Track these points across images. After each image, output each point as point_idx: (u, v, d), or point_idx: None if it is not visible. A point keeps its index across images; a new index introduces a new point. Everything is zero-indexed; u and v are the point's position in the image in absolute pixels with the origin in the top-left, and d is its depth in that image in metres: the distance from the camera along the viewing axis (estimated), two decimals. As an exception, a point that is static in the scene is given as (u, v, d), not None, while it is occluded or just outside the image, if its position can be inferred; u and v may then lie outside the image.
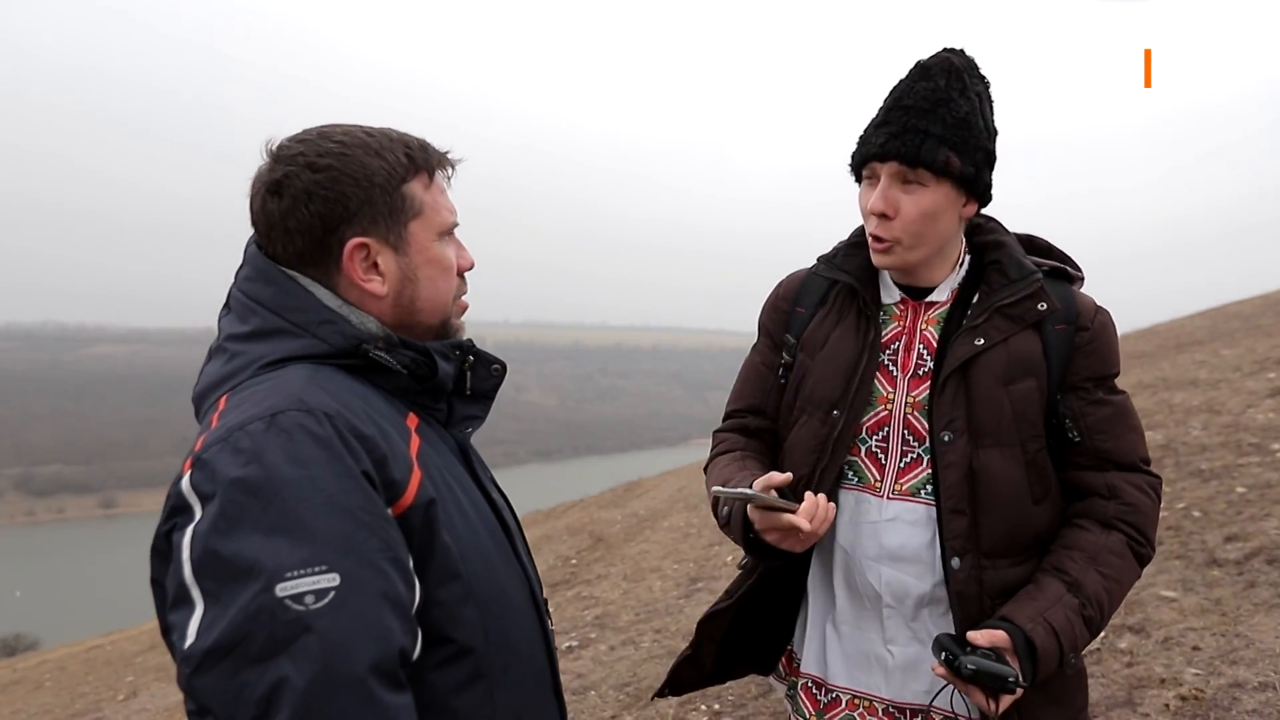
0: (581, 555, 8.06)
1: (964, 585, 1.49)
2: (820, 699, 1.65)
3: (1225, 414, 6.20)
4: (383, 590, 0.97)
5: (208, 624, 0.91)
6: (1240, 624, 3.32)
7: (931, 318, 1.58)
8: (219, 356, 1.16)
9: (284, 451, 0.97)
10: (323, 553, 0.94)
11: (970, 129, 1.47)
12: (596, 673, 4.43)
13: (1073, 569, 1.47)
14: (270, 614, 0.90)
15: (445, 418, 1.25)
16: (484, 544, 1.17)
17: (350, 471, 1.00)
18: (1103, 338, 1.54)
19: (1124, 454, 1.53)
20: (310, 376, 1.08)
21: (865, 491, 1.57)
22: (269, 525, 0.93)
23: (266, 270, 1.16)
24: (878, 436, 1.57)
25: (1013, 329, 1.51)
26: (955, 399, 1.50)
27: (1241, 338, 10.19)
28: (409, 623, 1.01)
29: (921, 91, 1.47)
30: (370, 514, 1.00)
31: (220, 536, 0.93)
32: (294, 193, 1.12)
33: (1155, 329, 14.49)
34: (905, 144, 1.45)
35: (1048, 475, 1.52)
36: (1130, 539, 1.50)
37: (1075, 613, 1.43)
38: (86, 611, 42.53)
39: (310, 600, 0.91)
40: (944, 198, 1.49)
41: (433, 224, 1.21)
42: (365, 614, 0.95)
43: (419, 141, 1.21)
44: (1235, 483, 4.78)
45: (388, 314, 1.19)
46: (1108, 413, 1.53)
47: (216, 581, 0.92)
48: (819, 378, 1.61)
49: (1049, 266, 1.58)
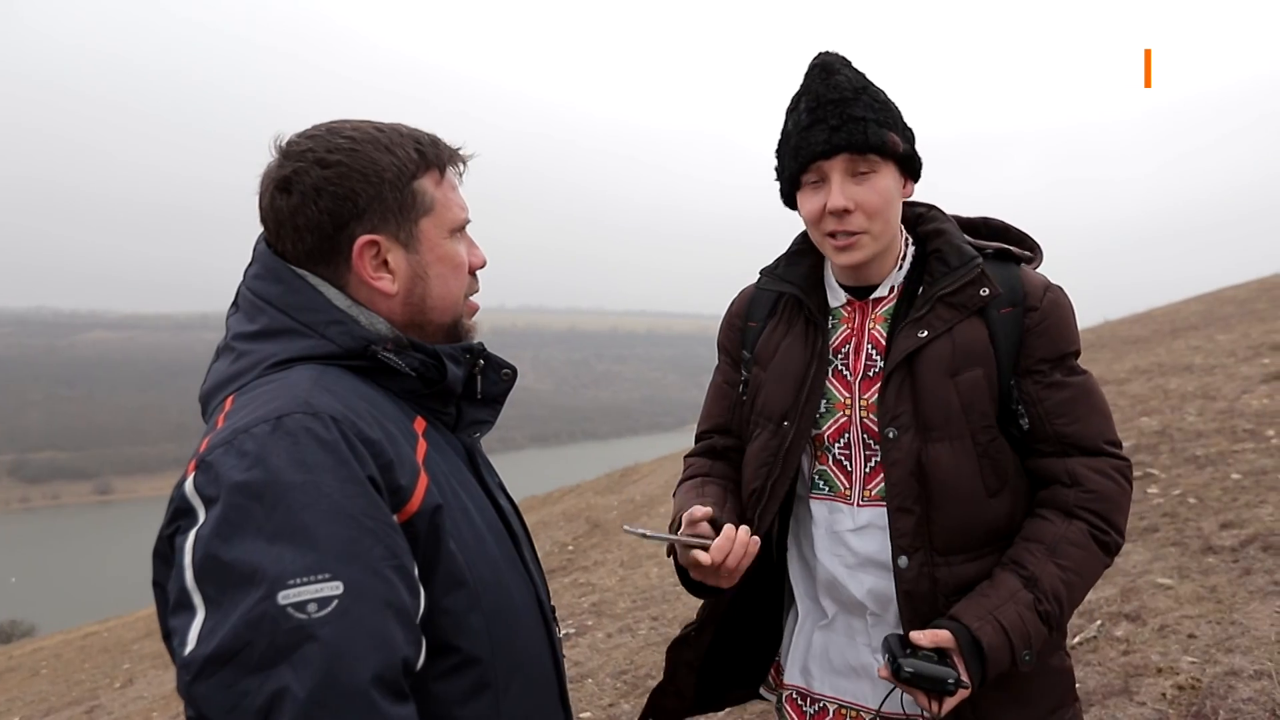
0: (578, 541, 8.08)
1: (912, 584, 1.45)
2: (806, 710, 1.63)
3: (1220, 400, 6.22)
4: (386, 599, 0.95)
5: (208, 630, 0.90)
6: (1236, 611, 3.33)
7: (879, 315, 1.55)
8: (226, 355, 1.14)
9: (289, 455, 0.96)
10: (326, 560, 0.92)
11: (893, 111, 1.48)
12: (594, 660, 4.44)
13: (1030, 563, 1.42)
14: (272, 622, 0.88)
15: (454, 421, 1.23)
16: (490, 551, 1.15)
17: (355, 477, 0.98)
18: (1054, 316, 1.48)
19: (1087, 437, 1.47)
20: (317, 378, 1.06)
21: (837, 500, 1.55)
22: (272, 531, 0.92)
23: (275, 268, 1.14)
24: (840, 443, 1.54)
25: (957, 318, 1.47)
26: (900, 394, 1.46)
27: (1236, 323, 10.21)
28: (413, 632, 0.99)
29: (838, 84, 1.46)
30: (375, 520, 0.98)
31: (222, 542, 0.92)
32: (303, 189, 1.10)
33: (1151, 314, 14.51)
34: (852, 133, 1.43)
35: (1003, 466, 1.47)
36: (1093, 527, 1.44)
37: (1029, 609, 1.38)
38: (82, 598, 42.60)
39: (313, 608, 0.90)
40: (893, 180, 1.48)
41: (444, 221, 1.19)
42: (368, 623, 0.93)
43: (430, 137, 1.19)
44: (1230, 469, 4.79)
45: (398, 313, 1.17)
46: (1066, 395, 1.47)
47: (218, 587, 0.91)
48: (771, 390, 1.60)
49: (993, 249, 1.53)
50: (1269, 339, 7.99)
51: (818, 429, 1.55)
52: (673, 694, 1.69)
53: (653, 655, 4.32)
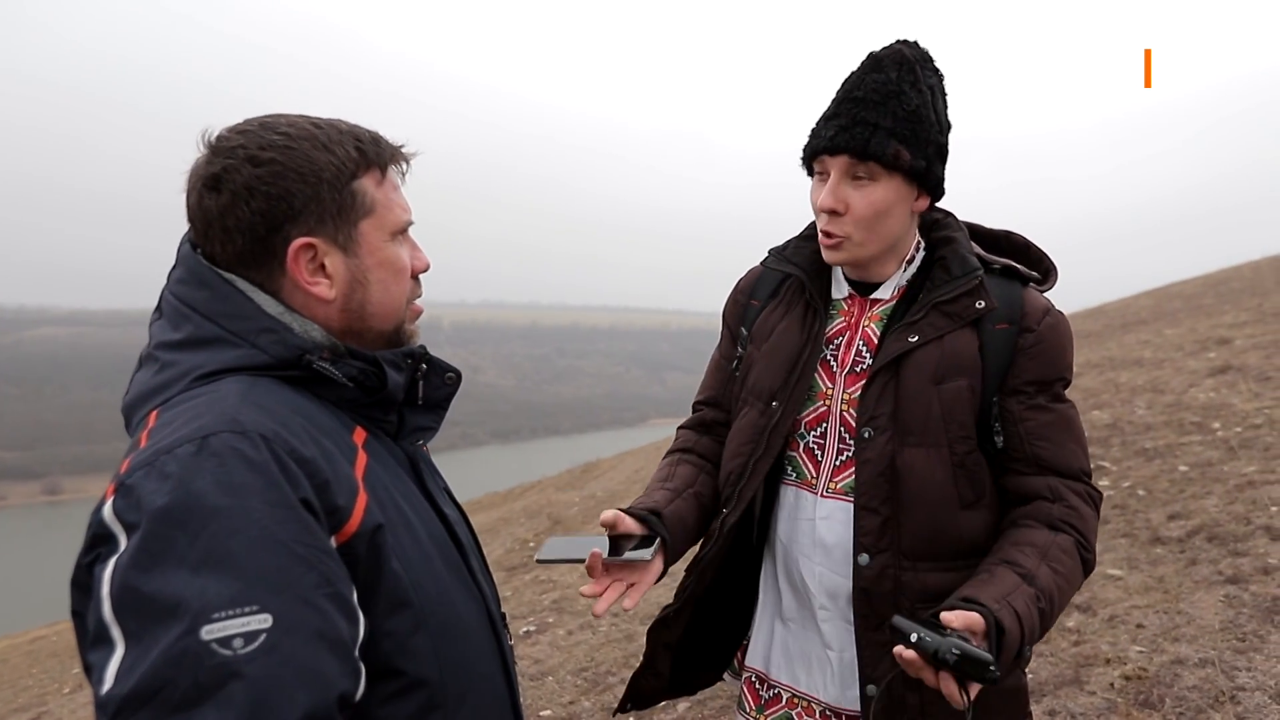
0: (539, 538, 8.04)
1: (872, 584, 1.45)
2: (762, 694, 1.64)
3: (1168, 393, 6.37)
4: (319, 630, 0.89)
5: (127, 667, 0.83)
6: (1182, 601, 3.41)
7: (875, 314, 1.55)
8: (149, 365, 1.08)
9: (214, 478, 0.90)
10: (253, 591, 0.86)
11: (921, 122, 1.44)
12: (554, 658, 4.42)
13: (1025, 562, 1.39)
14: (195, 659, 0.82)
15: (395, 429, 1.18)
16: (436, 567, 1.10)
17: (287, 500, 0.92)
18: (1049, 340, 1.47)
19: (1063, 463, 1.47)
20: (246, 392, 1.00)
21: (803, 488, 1.56)
22: (196, 560, 0.86)
23: (201, 273, 1.08)
24: (816, 432, 1.55)
25: (949, 326, 1.46)
26: (882, 396, 1.46)
27: (1184, 318, 10.46)
28: (349, 663, 0.93)
29: (872, 83, 1.44)
30: (308, 546, 0.92)
31: (142, 572, 0.85)
32: (233, 188, 1.04)
33: (1103, 308, 14.82)
34: (854, 137, 1.42)
35: (981, 480, 1.46)
36: (1078, 541, 1.44)
37: (1033, 602, 1.34)
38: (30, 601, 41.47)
39: (238, 644, 0.84)
40: (894, 192, 1.46)
41: (385, 223, 1.13)
42: (299, 658, 0.87)
43: (371, 134, 1.13)
44: (1178, 461, 4.91)
45: (336, 320, 1.12)
46: (1048, 419, 1.47)
47: (138, 621, 0.85)
48: (762, 369, 1.60)
49: (1000, 265, 1.52)
50: (1215, 333, 8.20)
51: (798, 414, 1.56)
52: (651, 676, 1.68)
53: (614, 652, 4.31)
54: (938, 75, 1.49)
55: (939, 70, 1.50)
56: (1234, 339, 7.69)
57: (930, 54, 1.49)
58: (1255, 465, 4.53)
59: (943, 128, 1.48)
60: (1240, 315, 8.99)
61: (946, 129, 1.49)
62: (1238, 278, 13.73)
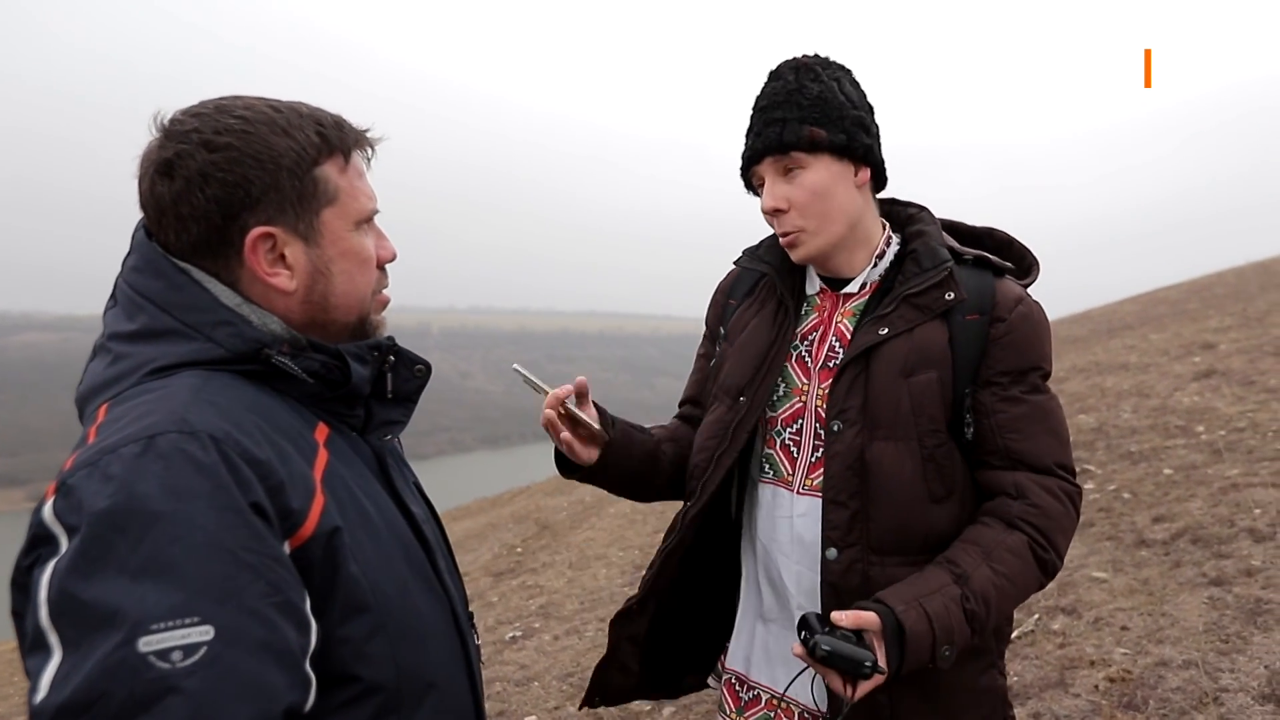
0: (527, 543, 8.01)
1: (839, 578, 1.44)
2: (742, 696, 1.63)
3: (1154, 397, 6.40)
4: (265, 641, 0.86)
5: (62, 676, 0.80)
6: (1166, 603, 3.42)
7: (848, 309, 1.55)
8: (103, 356, 1.04)
9: (159, 481, 0.85)
10: (195, 601, 0.82)
11: (829, 104, 1.46)
12: (540, 663, 4.40)
13: (964, 562, 1.39)
14: (131, 671, 0.79)
15: (362, 424, 1.14)
16: (398, 567, 1.07)
17: (235, 505, 0.88)
18: (1022, 330, 1.45)
19: (1036, 456, 1.44)
20: (199, 389, 0.96)
21: (779, 485, 1.55)
22: (136, 567, 0.82)
23: (155, 262, 1.03)
24: (792, 429, 1.54)
25: (920, 319, 1.45)
26: (852, 389, 1.46)
27: (1169, 322, 10.52)
28: (297, 674, 0.89)
29: (772, 90, 1.49)
30: (256, 553, 0.88)
31: (80, 578, 0.82)
32: (187, 175, 0.99)
33: (1089, 314, 14.90)
34: (768, 138, 1.46)
35: (951, 474, 1.45)
36: (1033, 541, 1.42)
37: (955, 603, 1.34)
38: (15, 608, 41.06)
39: (177, 657, 0.80)
40: (827, 171, 1.47)
41: (349, 211, 1.08)
42: (242, 671, 0.83)
43: (334, 118, 1.08)
44: (1163, 464, 4.93)
45: (297, 312, 1.07)
46: (1021, 411, 1.45)
47: (75, 629, 0.81)
48: (732, 365, 1.61)
49: (972, 256, 1.52)
50: (1199, 338, 8.25)
51: (773, 411, 1.56)
52: (616, 670, 1.66)
53: (599, 658, 4.30)
54: (841, 69, 1.52)
55: (843, 65, 1.53)
56: (1218, 344, 7.74)
57: (830, 58, 1.52)
58: (1239, 468, 4.55)
59: (856, 104, 1.49)
60: (1225, 320, 9.05)
61: (864, 107, 1.51)
62: (1222, 283, 13.83)
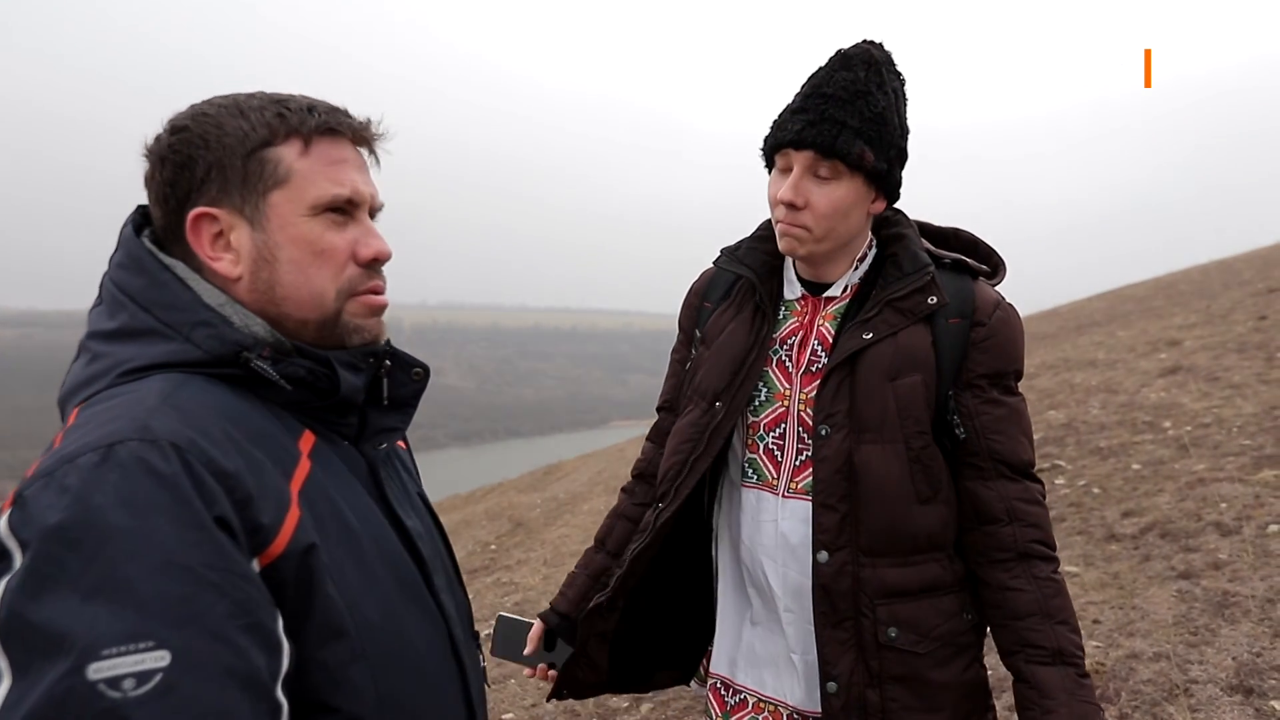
0: (501, 540, 7.99)
1: (831, 580, 1.45)
2: (728, 700, 1.62)
3: (1122, 393, 6.49)
4: (228, 667, 0.80)
5: (13, 702, 0.75)
6: (1136, 596, 3.47)
7: (829, 313, 1.55)
8: (83, 356, 1.00)
9: (116, 494, 0.80)
10: (150, 624, 0.77)
11: (886, 124, 1.44)
12: (516, 661, 4.38)
13: (1044, 641, 1.43)
14: (80, 701, 0.73)
15: (356, 432, 1.08)
16: (384, 590, 1.00)
17: (197, 520, 0.82)
18: (1001, 334, 1.48)
19: (1015, 456, 1.49)
20: (170, 393, 0.91)
21: (764, 489, 1.55)
22: (88, 588, 0.76)
23: (140, 257, 1.00)
24: (775, 434, 1.54)
25: (903, 323, 1.47)
26: (838, 393, 1.47)
27: (1136, 319, 10.69)
28: (266, 701, 0.83)
29: (841, 81, 1.44)
30: (220, 571, 0.82)
31: (29, 598, 0.76)
32: (152, 159, 1.00)
33: (1058, 311, 15.11)
34: (822, 133, 1.41)
35: (937, 475, 1.47)
36: (1045, 558, 1.47)
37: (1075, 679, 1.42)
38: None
39: (129, 685, 0.74)
40: (855, 193, 1.46)
41: (303, 196, 1.01)
42: (201, 700, 0.77)
43: (305, 103, 1.02)
44: (1131, 460, 5.00)
45: (245, 299, 1.02)
46: (1001, 413, 1.49)
47: (24, 653, 0.75)
48: (708, 369, 1.59)
49: (950, 260, 1.53)
50: (1166, 335, 8.39)
51: (755, 416, 1.55)
52: (585, 666, 1.66)
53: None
54: (900, 79, 1.50)
55: (901, 74, 1.50)
56: (1183, 340, 7.87)
57: (893, 56, 1.49)
58: (1205, 463, 4.63)
59: (904, 132, 1.49)
60: (1190, 317, 9.21)
61: (906, 133, 1.50)
62: (1186, 281, 14.09)
